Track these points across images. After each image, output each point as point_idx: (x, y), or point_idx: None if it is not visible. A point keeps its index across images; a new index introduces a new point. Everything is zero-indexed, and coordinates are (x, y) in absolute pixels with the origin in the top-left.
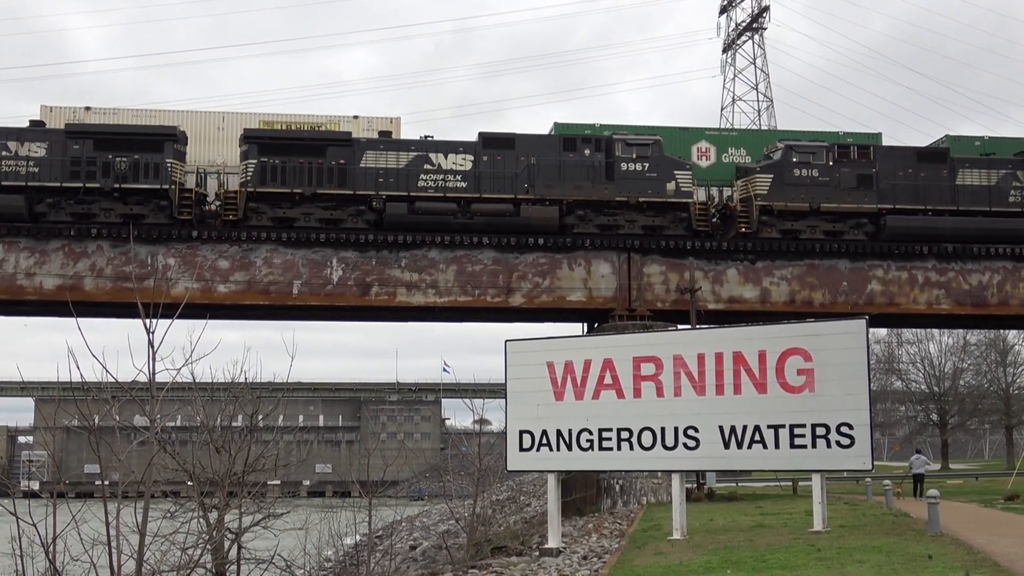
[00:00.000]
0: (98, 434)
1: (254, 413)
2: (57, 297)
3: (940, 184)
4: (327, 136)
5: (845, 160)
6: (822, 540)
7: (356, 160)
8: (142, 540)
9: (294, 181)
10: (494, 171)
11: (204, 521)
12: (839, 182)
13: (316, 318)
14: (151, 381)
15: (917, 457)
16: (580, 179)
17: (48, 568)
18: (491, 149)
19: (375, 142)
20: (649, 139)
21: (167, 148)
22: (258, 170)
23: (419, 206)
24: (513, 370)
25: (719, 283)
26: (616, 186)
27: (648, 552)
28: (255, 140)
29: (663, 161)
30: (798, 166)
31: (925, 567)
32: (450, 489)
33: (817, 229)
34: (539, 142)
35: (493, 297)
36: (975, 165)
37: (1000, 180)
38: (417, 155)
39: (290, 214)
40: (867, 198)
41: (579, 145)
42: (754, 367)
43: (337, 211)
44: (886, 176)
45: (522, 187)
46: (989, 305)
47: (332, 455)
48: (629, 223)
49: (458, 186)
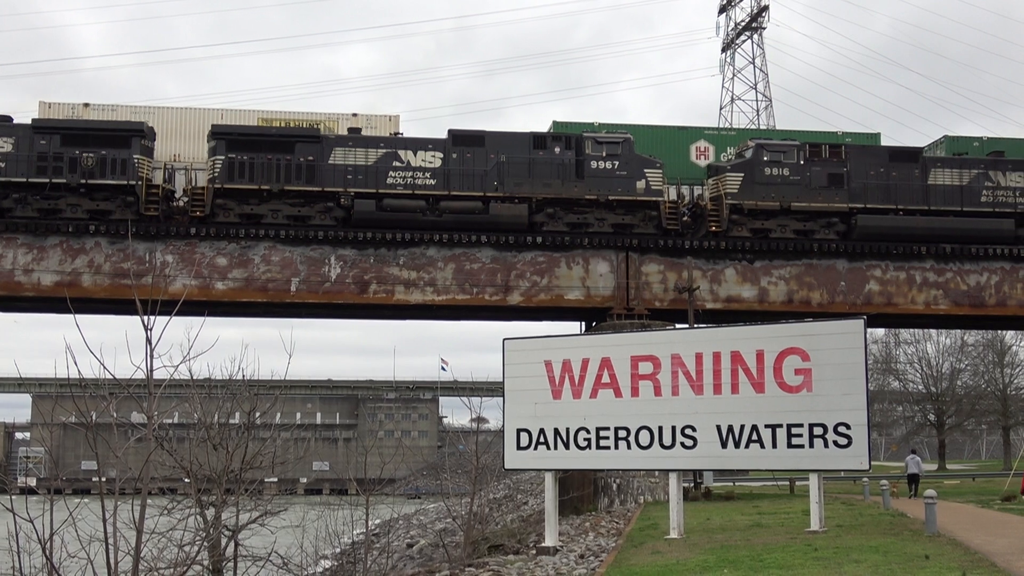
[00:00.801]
0: (95, 431)
1: (252, 410)
2: (55, 293)
3: (912, 184)
4: (295, 132)
5: (816, 159)
6: (819, 540)
7: (325, 157)
8: (139, 537)
9: (262, 177)
10: (463, 168)
11: (201, 518)
12: (810, 181)
13: (314, 316)
14: (149, 378)
15: (912, 458)
16: (550, 177)
17: (45, 564)
18: (461, 146)
19: (344, 139)
20: (619, 137)
21: (134, 144)
22: (225, 166)
23: (387, 203)
24: (511, 368)
25: (717, 282)
26: (586, 184)
27: (645, 551)
28: (223, 136)
29: (633, 159)
30: (769, 165)
31: (922, 567)
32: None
33: (787, 228)
34: (509, 140)
35: (491, 295)
36: (947, 165)
37: (972, 180)
38: (386, 152)
39: (258, 211)
40: (838, 197)
41: (549, 143)
42: (752, 366)
43: (305, 208)
44: (857, 175)
45: (491, 185)
46: (987, 306)
47: (329, 453)
48: (599, 221)
49: (427, 183)
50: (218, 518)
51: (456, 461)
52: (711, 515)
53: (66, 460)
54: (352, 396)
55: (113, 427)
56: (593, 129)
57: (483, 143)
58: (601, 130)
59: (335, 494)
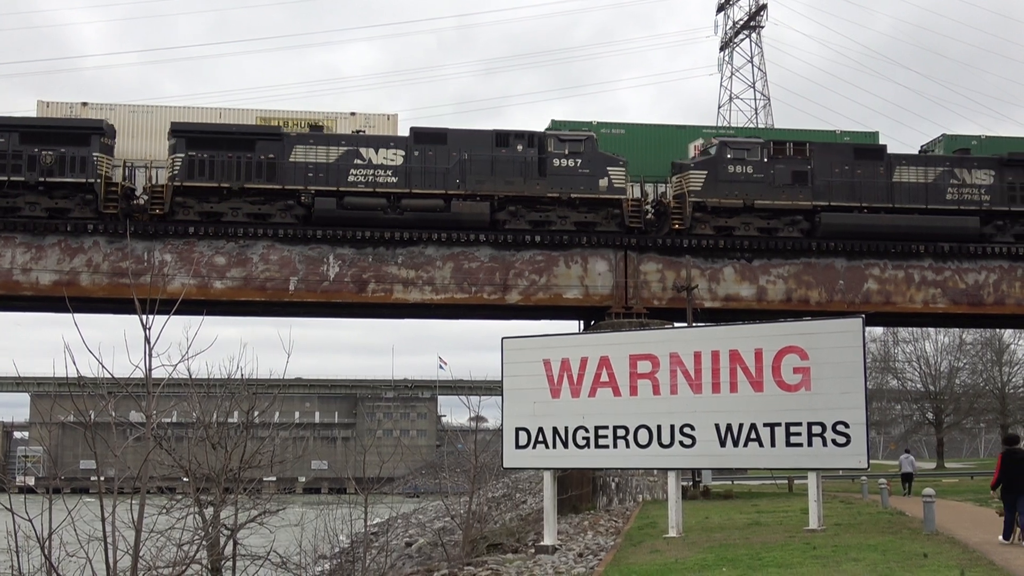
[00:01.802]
0: (94, 430)
1: (250, 409)
2: (53, 293)
3: (877, 181)
4: (256, 130)
5: (780, 157)
6: (818, 538)
7: (285, 154)
8: (138, 536)
9: (222, 175)
10: (425, 166)
11: (200, 517)
12: (774, 179)
13: (313, 315)
14: (147, 377)
15: (906, 457)
16: (512, 175)
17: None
18: (423, 144)
19: (305, 136)
20: (582, 135)
21: (93, 142)
22: (185, 164)
23: (348, 201)
24: (509, 367)
25: (716, 281)
26: (548, 182)
27: (644, 550)
28: (183, 134)
29: (596, 157)
30: (732, 162)
31: (921, 565)
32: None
33: (751, 226)
34: (472, 137)
35: (490, 294)
36: (912, 163)
37: (937, 178)
38: (348, 150)
39: (217, 208)
40: (802, 195)
41: (512, 141)
42: (750, 365)
43: (265, 206)
44: (822, 173)
45: (453, 182)
46: (985, 304)
47: (328, 452)
48: (561, 219)
49: (388, 181)
50: (217, 517)
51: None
52: (710, 514)
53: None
54: (351, 395)
55: (112, 426)
56: (591, 128)
57: (445, 141)
58: (600, 129)
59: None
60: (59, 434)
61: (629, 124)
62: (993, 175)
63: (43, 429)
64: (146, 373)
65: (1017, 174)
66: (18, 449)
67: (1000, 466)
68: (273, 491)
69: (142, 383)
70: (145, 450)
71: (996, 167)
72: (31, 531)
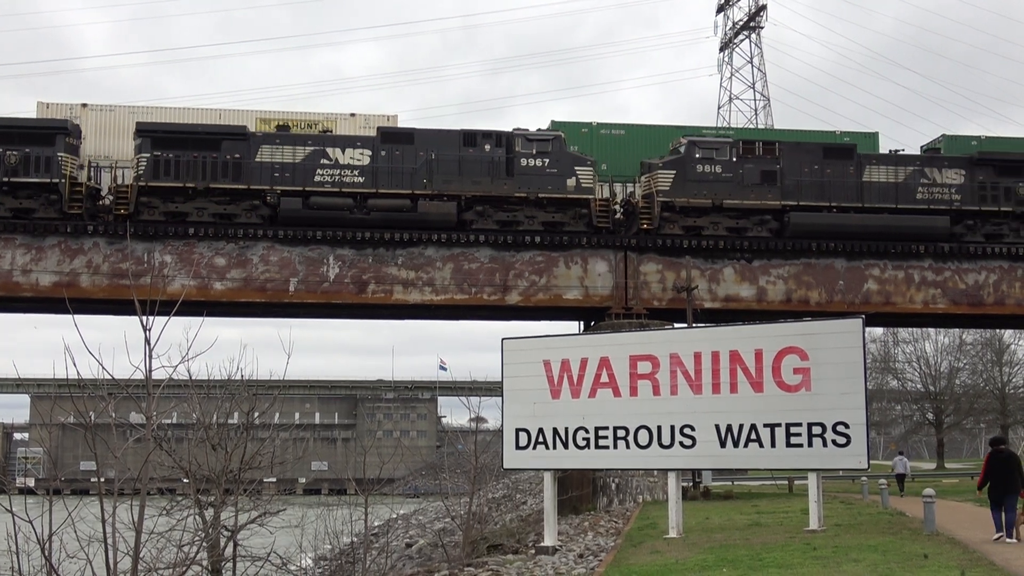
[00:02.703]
0: (94, 431)
1: (250, 410)
2: (53, 294)
3: (846, 181)
4: (222, 130)
5: (750, 156)
6: (818, 539)
7: (251, 154)
8: (138, 537)
9: (187, 175)
10: (392, 166)
11: (200, 518)
12: (743, 178)
13: (313, 315)
14: (147, 378)
15: (899, 458)
16: (479, 175)
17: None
18: (390, 144)
19: (271, 136)
20: (549, 135)
21: (58, 142)
22: (150, 164)
23: (314, 201)
24: (509, 368)
25: (716, 282)
26: (515, 182)
27: (644, 550)
28: (148, 134)
29: (564, 157)
30: (701, 162)
31: (921, 566)
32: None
33: (720, 226)
34: (439, 137)
35: (490, 295)
36: (882, 162)
37: (908, 177)
38: (314, 149)
39: (183, 208)
40: (771, 194)
41: (480, 140)
42: (750, 366)
43: (231, 206)
44: (791, 172)
45: (420, 182)
46: (985, 304)
47: (328, 452)
48: (529, 219)
49: (355, 181)
50: (217, 518)
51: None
52: (710, 514)
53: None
54: (351, 396)
55: (112, 427)
56: (591, 128)
57: (412, 140)
58: (599, 129)
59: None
60: (59, 435)
61: (629, 124)
62: (963, 174)
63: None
64: (146, 374)
65: (988, 173)
66: (18, 450)
67: (986, 466)
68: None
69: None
70: (145, 451)
71: (967, 166)
72: (31, 532)
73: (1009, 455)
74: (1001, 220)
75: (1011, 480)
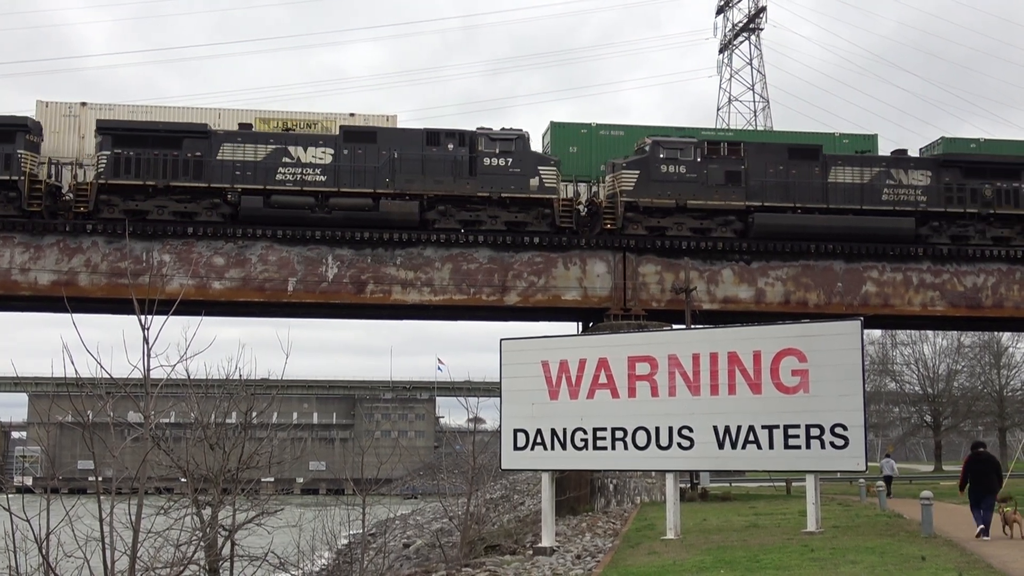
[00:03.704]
0: (92, 430)
1: (248, 410)
2: (52, 293)
3: (812, 182)
4: (183, 128)
5: (714, 156)
6: (816, 540)
7: (213, 153)
8: (136, 536)
9: (148, 173)
10: (354, 165)
11: (198, 518)
12: (707, 179)
13: (311, 315)
14: (146, 377)
15: (887, 461)
16: (442, 174)
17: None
18: (352, 143)
19: (233, 134)
20: (512, 134)
21: (18, 139)
22: (111, 162)
23: (275, 200)
24: (508, 369)
25: (714, 283)
26: (478, 181)
27: (642, 551)
28: (109, 131)
29: (527, 157)
30: (665, 162)
31: (918, 568)
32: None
33: (684, 226)
34: (402, 136)
35: (488, 296)
36: (848, 163)
37: (873, 178)
38: (276, 148)
39: (143, 206)
40: (735, 195)
41: (443, 139)
42: (749, 367)
43: (191, 204)
44: (756, 173)
45: (383, 181)
46: (984, 307)
47: (326, 452)
48: (492, 219)
49: (317, 180)
50: (215, 518)
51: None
52: (708, 516)
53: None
54: (349, 396)
55: (110, 426)
56: (590, 129)
57: (375, 139)
58: (599, 130)
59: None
60: (57, 434)
61: (629, 126)
62: (930, 176)
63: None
64: (144, 373)
65: (954, 175)
66: (16, 449)
67: (965, 468)
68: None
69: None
70: (143, 450)
71: (933, 168)
72: (29, 531)
73: (987, 458)
74: (967, 222)
75: (988, 481)
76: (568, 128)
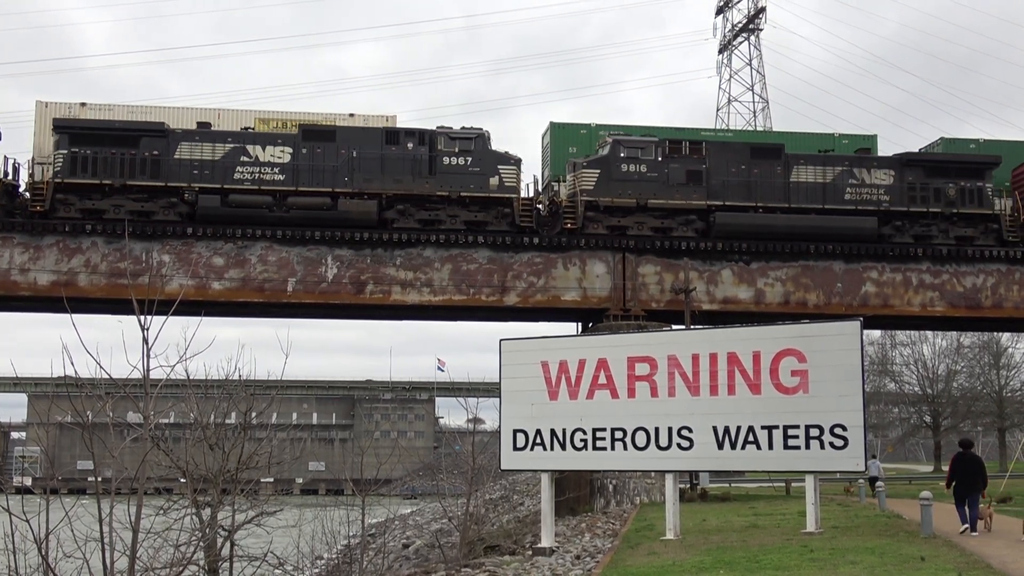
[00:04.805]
0: (91, 430)
1: (248, 410)
2: (51, 293)
3: (774, 181)
4: (140, 127)
5: (676, 155)
6: (815, 541)
7: (170, 151)
8: (135, 537)
9: (105, 172)
10: (313, 164)
11: (197, 518)
12: (668, 178)
13: (311, 316)
14: (145, 378)
15: (872, 461)
16: (401, 173)
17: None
18: (311, 142)
19: (191, 133)
20: (472, 133)
21: None
22: (68, 160)
23: (233, 199)
24: (507, 369)
25: (714, 284)
26: (437, 180)
27: (641, 552)
28: (66, 130)
29: (487, 156)
30: (626, 161)
31: (918, 568)
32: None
33: (645, 226)
34: (361, 135)
35: (488, 296)
36: (811, 162)
37: (836, 177)
38: (234, 147)
39: (99, 205)
40: (696, 194)
41: (402, 138)
42: (748, 368)
43: (148, 203)
44: (717, 172)
45: (342, 180)
46: (983, 307)
47: (325, 453)
48: (451, 218)
49: (275, 179)
50: (214, 518)
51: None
52: (707, 516)
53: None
54: (348, 396)
55: (109, 427)
56: (590, 129)
57: (334, 138)
58: (598, 131)
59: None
60: (56, 435)
61: (628, 126)
62: (893, 175)
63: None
64: (144, 374)
65: (917, 174)
66: (15, 449)
67: (952, 468)
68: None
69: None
70: (143, 451)
71: (896, 167)
72: (28, 532)
73: (972, 458)
74: (930, 221)
75: (973, 480)
76: (568, 128)
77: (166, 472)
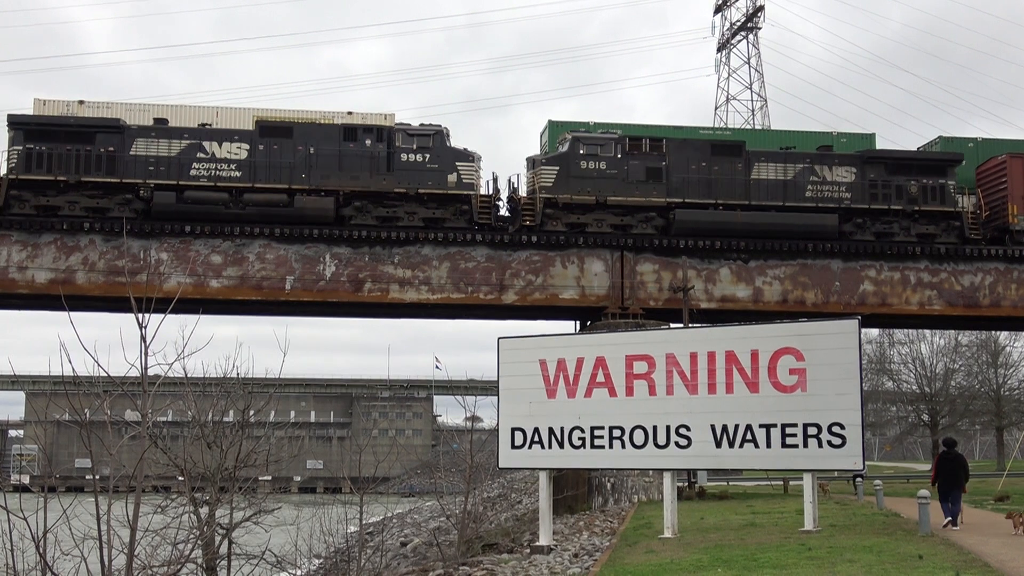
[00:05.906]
0: (89, 428)
1: (246, 408)
2: (49, 291)
3: (734, 178)
4: (95, 123)
5: (636, 153)
6: (813, 539)
7: (126, 148)
8: (133, 535)
9: (60, 168)
10: (270, 160)
11: (195, 516)
12: (628, 175)
13: (309, 314)
14: (143, 376)
15: None
16: (359, 170)
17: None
18: (268, 138)
19: (147, 129)
20: (430, 130)
21: None
22: (22, 157)
23: (189, 195)
24: (505, 367)
25: (712, 282)
26: (395, 177)
27: (639, 550)
28: (21, 126)
29: (445, 152)
30: (585, 158)
31: (915, 567)
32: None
33: (604, 223)
34: (319, 131)
35: (486, 294)
36: (771, 159)
37: (797, 175)
38: (190, 143)
39: (54, 202)
40: (656, 191)
41: (360, 135)
42: (746, 366)
43: (104, 199)
44: (677, 169)
45: (299, 177)
46: (981, 306)
47: (323, 451)
48: (409, 215)
49: (231, 175)
50: (212, 516)
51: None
52: (705, 514)
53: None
54: (346, 394)
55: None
56: (588, 129)
57: (291, 135)
58: (596, 130)
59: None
60: (54, 432)
61: (628, 124)
62: (854, 172)
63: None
64: (142, 372)
65: (879, 172)
66: (13, 447)
67: (936, 466)
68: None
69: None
70: (140, 449)
71: (857, 164)
72: (26, 530)
73: (955, 456)
74: (891, 219)
75: (955, 478)
76: (567, 126)
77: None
